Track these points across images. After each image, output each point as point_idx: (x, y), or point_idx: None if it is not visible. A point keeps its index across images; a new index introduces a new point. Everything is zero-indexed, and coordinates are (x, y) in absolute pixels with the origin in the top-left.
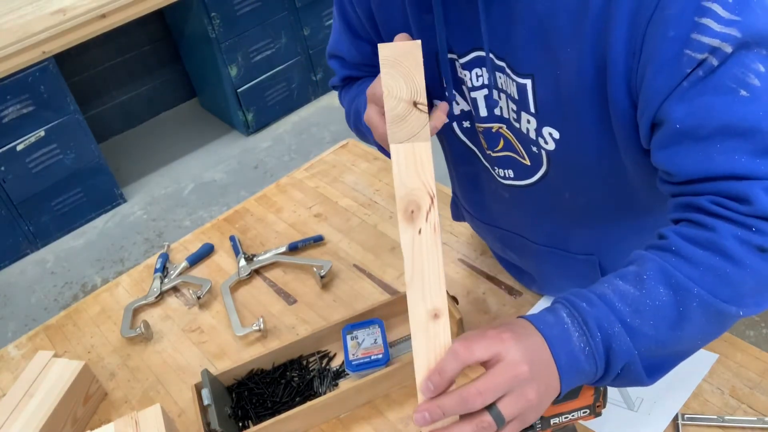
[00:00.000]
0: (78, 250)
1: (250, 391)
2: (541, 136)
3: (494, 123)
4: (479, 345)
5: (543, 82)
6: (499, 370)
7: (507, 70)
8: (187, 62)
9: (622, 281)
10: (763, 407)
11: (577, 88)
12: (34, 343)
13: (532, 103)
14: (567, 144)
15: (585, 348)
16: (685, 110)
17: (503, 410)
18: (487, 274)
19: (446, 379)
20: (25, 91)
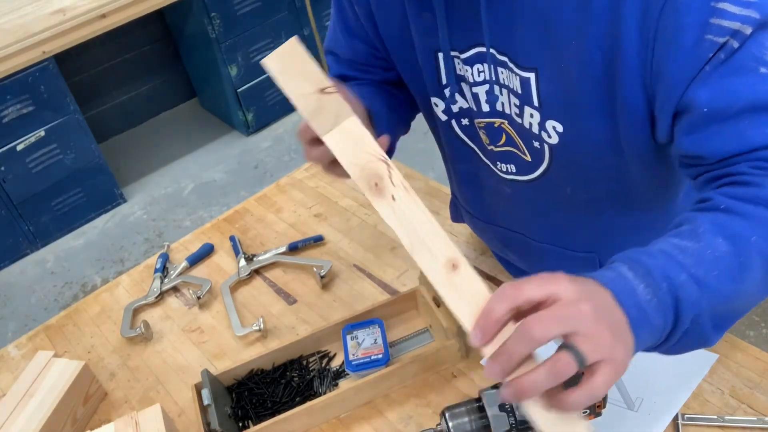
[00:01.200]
0: (78, 250)
1: (250, 391)
2: (544, 130)
3: (496, 118)
4: (530, 284)
5: (547, 75)
6: (558, 305)
7: (509, 64)
8: (187, 62)
9: (677, 238)
10: (763, 407)
11: (582, 81)
12: (34, 343)
13: (536, 96)
14: (570, 137)
15: (652, 300)
16: (710, 94)
17: (582, 346)
18: (487, 274)
19: (493, 320)
20: (25, 91)
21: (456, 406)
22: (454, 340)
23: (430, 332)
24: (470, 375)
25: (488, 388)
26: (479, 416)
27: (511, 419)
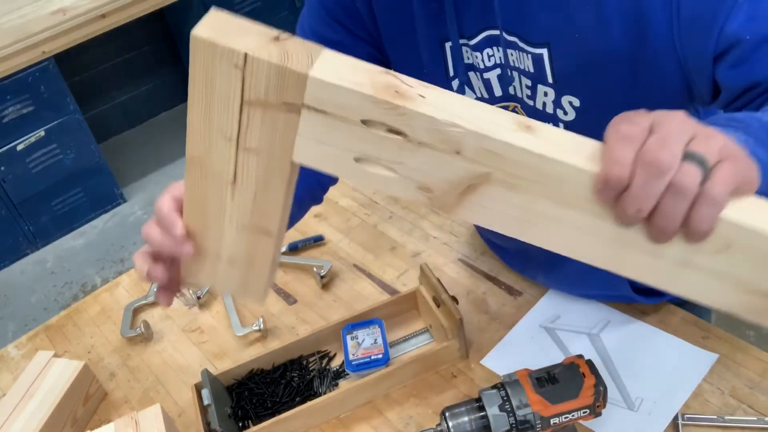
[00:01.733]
0: (78, 250)
1: (250, 391)
2: (559, 107)
3: (509, 102)
4: (638, 115)
5: (560, 48)
6: (680, 116)
7: (520, 44)
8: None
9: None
10: (763, 407)
11: (598, 49)
12: (34, 343)
13: (549, 72)
14: (588, 110)
15: (748, 139)
16: (749, 23)
17: (698, 149)
18: (487, 274)
19: (624, 166)
20: (25, 91)
21: (456, 406)
22: (454, 340)
23: (430, 332)
24: (470, 375)
25: (488, 388)
26: (479, 416)
27: (511, 419)
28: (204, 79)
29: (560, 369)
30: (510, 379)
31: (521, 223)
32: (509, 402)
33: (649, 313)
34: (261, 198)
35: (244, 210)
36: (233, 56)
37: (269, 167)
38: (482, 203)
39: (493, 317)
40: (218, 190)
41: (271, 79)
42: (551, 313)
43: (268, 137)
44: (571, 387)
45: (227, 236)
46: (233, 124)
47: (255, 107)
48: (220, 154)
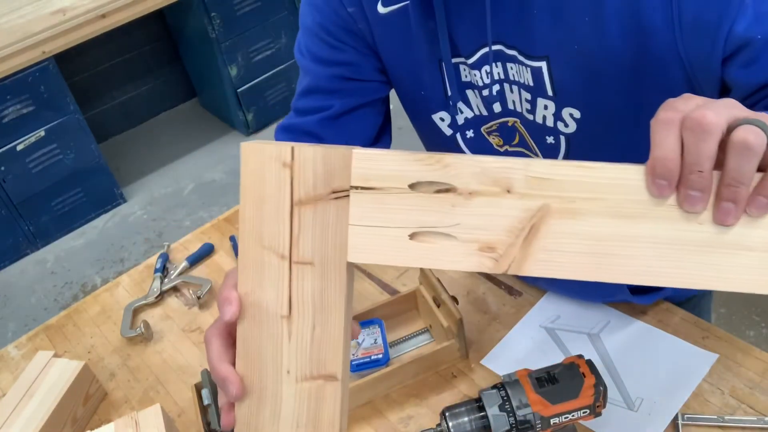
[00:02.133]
0: (78, 250)
1: None
2: (560, 119)
3: (509, 117)
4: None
5: (559, 60)
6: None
7: (519, 57)
8: (187, 62)
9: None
10: (763, 407)
11: (599, 59)
12: (34, 343)
13: (549, 85)
14: (589, 122)
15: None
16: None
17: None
18: (487, 274)
19: (674, 157)
20: (25, 91)
21: (456, 406)
22: (454, 340)
23: (430, 332)
24: (470, 375)
25: (488, 388)
26: (479, 416)
27: (511, 419)
28: (255, 189)
29: (560, 369)
30: (510, 379)
31: (597, 258)
32: (509, 402)
33: (649, 313)
34: (320, 327)
35: (302, 350)
36: (281, 154)
37: (325, 279)
38: (550, 247)
39: (493, 317)
40: (273, 332)
41: (317, 168)
42: (551, 313)
43: (320, 237)
44: (571, 387)
45: (286, 393)
46: (285, 234)
47: (305, 206)
48: (273, 279)
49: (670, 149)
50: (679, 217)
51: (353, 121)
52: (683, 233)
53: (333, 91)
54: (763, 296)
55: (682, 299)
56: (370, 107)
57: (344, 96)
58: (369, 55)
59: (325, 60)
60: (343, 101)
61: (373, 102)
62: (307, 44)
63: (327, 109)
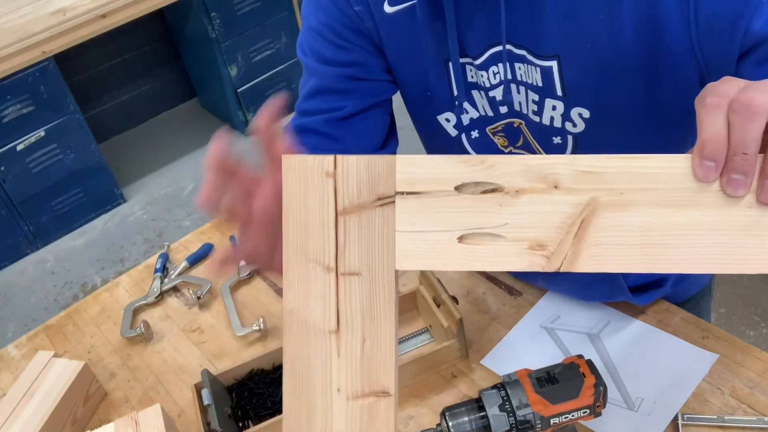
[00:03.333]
0: (78, 250)
1: (250, 391)
2: (568, 119)
3: (514, 118)
4: (721, 84)
5: (571, 59)
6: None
7: (528, 57)
8: (187, 62)
9: None
10: (763, 407)
11: (611, 58)
12: (34, 343)
13: (559, 85)
14: (598, 121)
15: None
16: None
17: None
18: (487, 274)
19: (720, 139)
20: (25, 91)
21: (456, 406)
22: (454, 340)
23: (430, 332)
24: (470, 375)
25: (488, 388)
26: (479, 416)
27: (511, 419)
28: (297, 201)
29: (560, 369)
30: (510, 379)
31: (649, 249)
32: (509, 402)
33: (649, 313)
34: (370, 341)
35: (353, 365)
36: (324, 163)
37: (373, 289)
38: (601, 241)
39: (493, 317)
40: (321, 349)
41: (361, 175)
42: (551, 313)
43: (366, 246)
44: (571, 387)
45: (337, 413)
46: (331, 245)
47: (350, 215)
48: (320, 293)
49: (719, 130)
50: (725, 202)
51: (364, 121)
52: (732, 218)
53: (343, 91)
54: (763, 296)
55: (682, 299)
56: (380, 108)
57: (355, 97)
58: (376, 55)
59: (332, 60)
60: (354, 102)
61: (382, 102)
62: (311, 44)
63: (339, 110)
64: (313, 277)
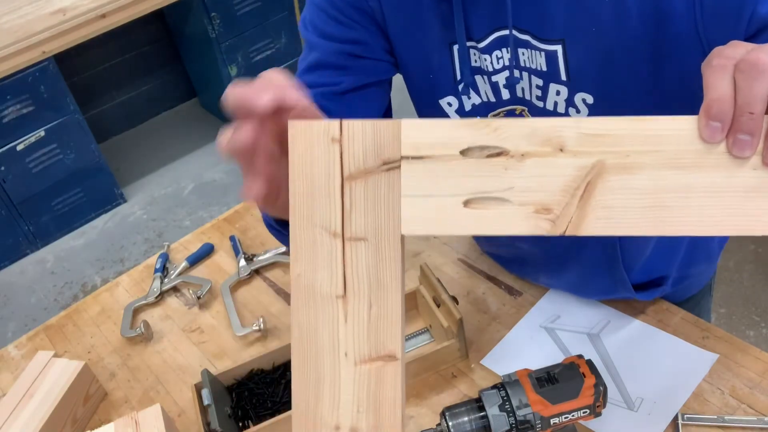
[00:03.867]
0: (78, 250)
1: (250, 391)
2: (572, 105)
3: (516, 105)
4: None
5: (576, 43)
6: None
7: (532, 41)
8: (187, 62)
9: None
10: (763, 407)
11: (616, 42)
12: (34, 343)
13: (563, 69)
14: (602, 107)
15: None
16: None
17: None
18: (487, 274)
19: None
20: (25, 91)
21: (456, 406)
22: (454, 340)
23: (430, 332)
24: (470, 375)
25: (488, 388)
26: (479, 416)
27: (511, 419)
28: (304, 167)
29: (560, 369)
30: (510, 379)
31: (655, 212)
32: (509, 402)
33: (649, 312)
34: (376, 306)
35: (360, 330)
36: (330, 129)
37: (379, 254)
38: (607, 203)
39: (493, 317)
40: (328, 315)
41: (367, 140)
42: (551, 313)
43: (372, 211)
44: (571, 387)
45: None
46: (337, 211)
47: (356, 181)
48: (326, 258)
49: (725, 90)
50: (731, 164)
51: (361, 99)
52: (739, 179)
53: (341, 67)
54: (763, 296)
55: (681, 299)
56: (377, 87)
57: (353, 73)
58: (378, 35)
59: (333, 36)
60: (351, 78)
61: (380, 82)
62: (313, 19)
63: (335, 84)
64: (320, 243)
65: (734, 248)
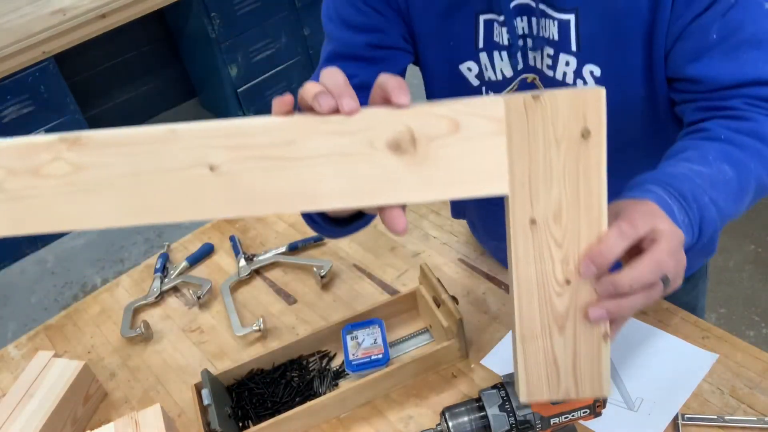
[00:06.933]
0: (78, 250)
1: (250, 391)
2: (580, 76)
3: (529, 73)
4: (640, 220)
5: (588, 14)
6: (668, 236)
7: (548, 10)
8: (187, 62)
9: (688, 162)
10: (763, 407)
11: (625, 13)
12: (34, 343)
13: (574, 40)
14: (608, 80)
15: (685, 219)
16: (719, 23)
17: (668, 272)
18: (487, 274)
19: (611, 259)
20: (25, 91)
21: (456, 406)
22: (454, 340)
23: (430, 332)
24: (470, 375)
25: (488, 388)
26: (479, 416)
27: (511, 419)
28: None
29: None
30: (510, 379)
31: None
32: (509, 402)
33: (649, 313)
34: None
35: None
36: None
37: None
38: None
39: (493, 317)
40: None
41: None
42: None
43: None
44: None
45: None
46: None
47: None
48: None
49: (611, 263)
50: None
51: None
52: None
53: (360, 58)
54: (763, 296)
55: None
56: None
57: (371, 65)
58: (396, 21)
59: (353, 25)
60: (369, 71)
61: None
62: (336, 8)
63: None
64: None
65: (734, 248)
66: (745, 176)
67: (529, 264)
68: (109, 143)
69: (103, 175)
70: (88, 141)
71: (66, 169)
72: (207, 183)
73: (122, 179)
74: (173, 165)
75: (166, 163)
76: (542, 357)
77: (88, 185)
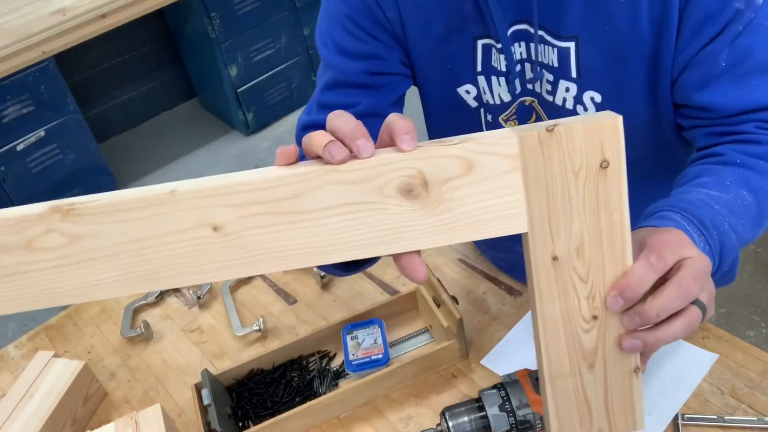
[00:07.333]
0: None
1: (250, 391)
2: (580, 103)
3: (527, 96)
4: (668, 251)
5: (588, 42)
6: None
7: (547, 37)
8: (187, 62)
9: (706, 189)
10: (763, 407)
11: (627, 41)
12: (34, 343)
13: (574, 67)
14: (609, 106)
15: (705, 247)
16: (729, 50)
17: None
18: (487, 274)
19: (640, 293)
20: (25, 91)
21: (456, 406)
22: (454, 340)
23: (430, 332)
24: (470, 375)
25: (488, 388)
26: (479, 416)
27: (511, 419)
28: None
29: None
30: (510, 379)
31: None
32: (509, 402)
33: None
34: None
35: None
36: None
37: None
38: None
39: (493, 317)
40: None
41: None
42: None
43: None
44: None
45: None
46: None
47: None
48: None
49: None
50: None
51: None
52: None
53: (359, 85)
54: (763, 296)
55: None
56: (393, 108)
57: (370, 92)
58: (394, 47)
59: (351, 53)
60: (369, 98)
61: (396, 101)
62: (331, 34)
63: (353, 105)
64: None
65: None
66: (763, 201)
67: (554, 301)
68: (105, 210)
69: (100, 244)
70: (83, 209)
71: (61, 240)
72: (211, 244)
73: (122, 247)
74: (174, 228)
75: (166, 226)
76: (573, 395)
77: (85, 256)
